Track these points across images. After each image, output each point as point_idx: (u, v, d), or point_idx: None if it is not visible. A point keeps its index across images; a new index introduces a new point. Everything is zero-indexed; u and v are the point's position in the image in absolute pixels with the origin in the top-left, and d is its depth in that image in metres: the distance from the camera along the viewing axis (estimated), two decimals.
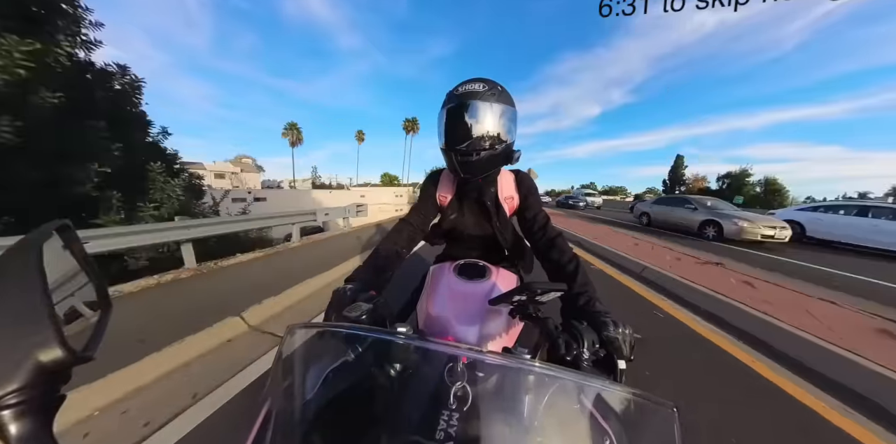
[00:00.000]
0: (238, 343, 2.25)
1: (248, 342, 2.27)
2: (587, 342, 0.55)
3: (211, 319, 2.36)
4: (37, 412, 0.24)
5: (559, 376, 0.41)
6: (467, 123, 0.86)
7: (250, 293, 2.91)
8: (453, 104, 0.88)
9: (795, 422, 1.65)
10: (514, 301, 0.62)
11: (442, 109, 0.92)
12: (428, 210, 1.14)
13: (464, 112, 0.86)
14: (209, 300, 2.86)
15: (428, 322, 0.85)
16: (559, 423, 0.43)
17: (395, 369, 0.46)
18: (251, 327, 2.47)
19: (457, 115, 0.87)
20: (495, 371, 0.45)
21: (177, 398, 1.65)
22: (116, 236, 3.46)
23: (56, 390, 0.26)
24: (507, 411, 0.43)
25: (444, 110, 0.90)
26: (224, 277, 3.72)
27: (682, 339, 2.49)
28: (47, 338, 0.24)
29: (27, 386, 0.23)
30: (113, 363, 1.75)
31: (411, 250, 1.06)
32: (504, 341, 0.78)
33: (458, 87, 0.90)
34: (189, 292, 3.19)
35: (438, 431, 0.40)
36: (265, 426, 0.41)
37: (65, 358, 0.24)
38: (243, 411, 1.58)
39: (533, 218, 1.06)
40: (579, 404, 0.42)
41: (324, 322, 0.57)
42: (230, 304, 2.66)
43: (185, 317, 2.44)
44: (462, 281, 0.93)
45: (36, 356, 0.24)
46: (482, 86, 0.87)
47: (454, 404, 0.42)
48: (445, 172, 1.15)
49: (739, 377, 2.02)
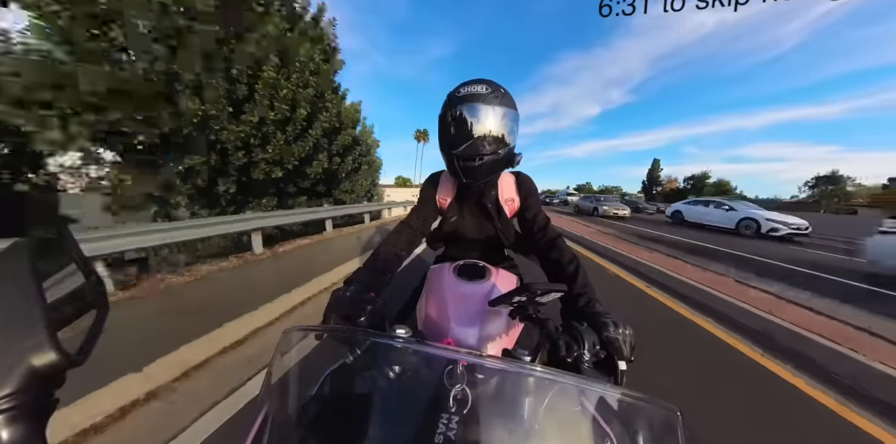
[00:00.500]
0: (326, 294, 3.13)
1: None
2: (588, 344, 0.54)
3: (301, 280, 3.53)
4: (30, 416, 0.24)
5: (560, 380, 0.41)
6: (469, 127, 0.83)
7: (318, 267, 4.14)
8: (455, 107, 0.84)
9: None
10: (513, 302, 0.61)
11: (443, 111, 0.89)
12: (428, 212, 1.13)
13: (466, 116, 0.83)
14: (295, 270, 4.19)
15: (427, 323, 0.84)
16: (560, 426, 0.43)
17: (394, 371, 0.46)
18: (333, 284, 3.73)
19: (459, 118, 0.84)
20: (495, 374, 0.45)
21: (300, 321, 2.74)
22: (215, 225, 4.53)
23: (50, 394, 0.26)
24: (507, 414, 0.43)
25: (446, 113, 0.88)
26: (294, 257, 5.08)
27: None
28: (40, 342, 0.24)
29: (20, 391, 0.23)
30: (262, 299, 2.88)
31: (411, 252, 1.06)
32: (504, 342, 0.78)
33: (460, 88, 0.86)
34: (272, 266, 4.45)
35: (437, 434, 0.39)
36: (262, 429, 0.41)
37: (58, 362, 0.24)
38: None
39: (533, 219, 1.06)
40: (580, 407, 0.42)
41: (322, 325, 0.56)
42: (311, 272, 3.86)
43: (278, 281, 3.57)
44: (462, 282, 0.93)
45: (29, 360, 0.23)
46: (485, 88, 0.84)
47: (453, 407, 0.41)
48: (445, 174, 1.13)
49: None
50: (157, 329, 2.31)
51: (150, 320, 2.49)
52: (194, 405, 1.62)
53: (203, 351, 2.08)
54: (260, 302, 2.83)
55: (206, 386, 1.78)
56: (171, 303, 2.91)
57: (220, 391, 1.72)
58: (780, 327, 2.82)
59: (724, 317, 2.98)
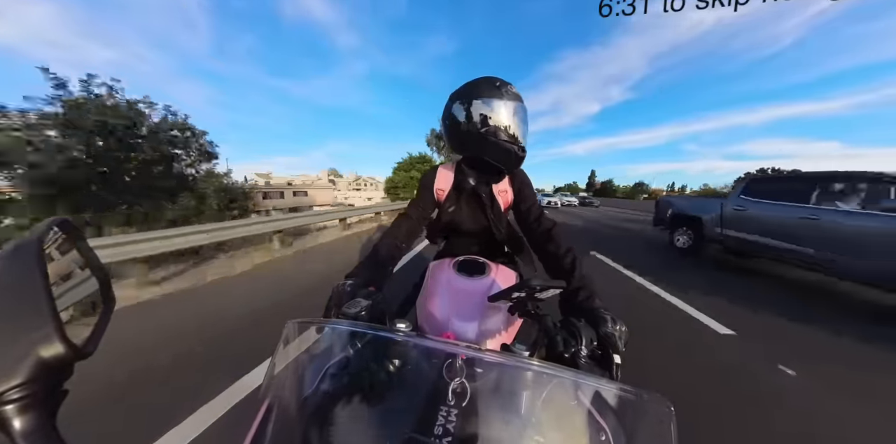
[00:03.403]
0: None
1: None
2: (585, 340, 0.55)
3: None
4: (40, 406, 0.24)
5: (557, 374, 0.42)
6: (519, 121, 0.92)
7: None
8: (510, 100, 0.90)
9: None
10: (513, 298, 0.62)
11: (494, 99, 0.90)
12: (426, 204, 1.15)
13: (516, 110, 0.91)
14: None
15: (427, 318, 0.85)
16: (556, 419, 0.44)
17: (394, 365, 0.47)
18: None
19: (513, 111, 0.91)
20: (494, 368, 0.45)
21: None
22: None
23: (59, 385, 0.27)
24: (505, 407, 0.44)
25: (501, 103, 0.89)
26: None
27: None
28: (48, 334, 0.24)
29: (29, 381, 0.23)
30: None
31: (411, 243, 1.07)
32: (503, 337, 0.79)
33: (495, 82, 0.92)
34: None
35: (437, 426, 0.40)
36: (266, 420, 0.41)
37: (66, 354, 0.25)
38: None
39: (527, 210, 1.08)
40: (576, 400, 0.42)
41: (323, 318, 0.57)
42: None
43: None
44: (461, 277, 0.93)
45: (37, 352, 0.24)
46: (515, 89, 0.92)
47: (452, 400, 0.42)
48: (443, 166, 1.16)
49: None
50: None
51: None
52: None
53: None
54: None
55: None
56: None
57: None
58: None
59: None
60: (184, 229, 4.22)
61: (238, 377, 1.84)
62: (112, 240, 3.42)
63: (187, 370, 1.98)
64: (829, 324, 2.84)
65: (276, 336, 0.46)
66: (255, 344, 2.19)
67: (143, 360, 2.07)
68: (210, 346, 2.27)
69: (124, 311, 2.89)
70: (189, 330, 2.53)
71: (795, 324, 2.84)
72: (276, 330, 0.44)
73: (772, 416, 1.69)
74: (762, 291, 3.73)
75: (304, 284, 3.69)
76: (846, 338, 2.61)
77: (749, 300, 3.35)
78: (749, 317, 2.97)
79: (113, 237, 3.53)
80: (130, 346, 2.24)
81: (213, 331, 2.50)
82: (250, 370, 1.90)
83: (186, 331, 2.51)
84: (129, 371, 1.94)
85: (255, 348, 2.10)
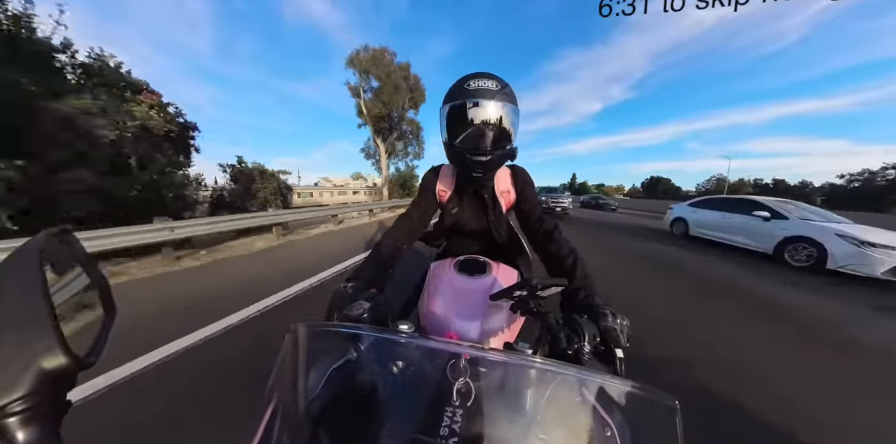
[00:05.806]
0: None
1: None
2: (588, 336, 0.55)
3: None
4: (43, 418, 0.24)
5: (562, 371, 0.42)
6: (483, 122, 0.83)
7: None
8: (467, 101, 0.82)
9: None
10: (514, 296, 0.62)
11: (451, 103, 0.85)
12: (428, 204, 1.14)
13: (478, 110, 0.82)
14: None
15: (430, 319, 0.85)
16: (561, 417, 0.44)
17: (398, 366, 0.46)
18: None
19: (472, 113, 0.83)
20: (497, 367, 0.45)
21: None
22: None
23: (62, 396, 0.26)
24: (510, 406, 0.43)
25: (455, 105, 0.84)
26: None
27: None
28: (50, 345, 0.24)
29: (32, 393, 0.23)
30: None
31: (412, 244, 1.06)
32: (506, 336, 0.79)
33: (469, 81, 0.84)
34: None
35: (442, 427, 0.40)
36: (272, 422, 0.41)
37: (68, 365, 0.25)
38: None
39: (529, 210, 1.07)
40: (581, 397, 0.42)
41: (325, 321, 0.57)
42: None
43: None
44: (463, 277, 0.93)
45: (39, 363, 0.24)
46: (494, 84, 0.83)
47: (457, 400, 0.42)
48: (446, 167, 1.14)
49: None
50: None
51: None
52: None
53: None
54: None
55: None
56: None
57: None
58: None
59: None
60: (282, 211, 7.67)
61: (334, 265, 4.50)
62: (228, 217, 6.12)
63: (313, 269, 4.25)
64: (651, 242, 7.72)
65: (335, 263, 0.54)
66: (326, 263, 4.65)
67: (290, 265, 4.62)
68: (323, 259, 4.90)
69: (264, 252, 5.70)
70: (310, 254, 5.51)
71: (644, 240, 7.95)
72: (337, 259, 0.58)
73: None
74: (667, 243, 7.58)
75: (355, 237, 7.23)
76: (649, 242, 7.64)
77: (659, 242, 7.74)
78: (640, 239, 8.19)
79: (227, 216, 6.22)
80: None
81: (320, 254, 5.38)
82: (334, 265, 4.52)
83: (317, 252, 5.57)
84: (283, 271, 4.24)
85: (330, 264, 4.63)
